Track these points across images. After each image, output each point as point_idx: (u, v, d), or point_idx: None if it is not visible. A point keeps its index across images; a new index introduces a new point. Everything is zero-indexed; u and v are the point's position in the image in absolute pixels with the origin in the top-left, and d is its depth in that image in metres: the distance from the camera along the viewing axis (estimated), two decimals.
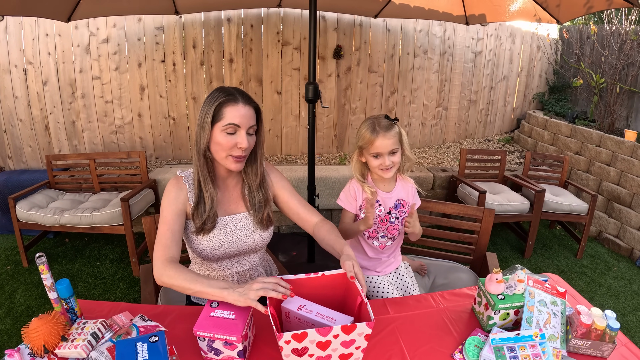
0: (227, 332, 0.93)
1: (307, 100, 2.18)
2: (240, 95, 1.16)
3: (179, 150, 3.70)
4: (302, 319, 0.97)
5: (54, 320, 0.96)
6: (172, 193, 1.21)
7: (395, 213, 1.52)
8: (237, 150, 1.15)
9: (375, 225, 1.53)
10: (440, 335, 1.13)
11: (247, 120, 1.15)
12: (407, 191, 1.54)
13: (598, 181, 3.40)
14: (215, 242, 1.23)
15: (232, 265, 1.33)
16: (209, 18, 3.38)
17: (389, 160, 1.40)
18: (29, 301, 2.36)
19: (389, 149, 1.39)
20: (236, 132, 1.15)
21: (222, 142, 1.14)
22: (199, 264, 1.34)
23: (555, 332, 1.12)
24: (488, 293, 1.16)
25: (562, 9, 2.43)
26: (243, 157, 1.18)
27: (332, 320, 0.95)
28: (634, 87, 3.60)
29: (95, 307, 1.19)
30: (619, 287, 2.70)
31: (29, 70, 3.26)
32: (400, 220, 1.53)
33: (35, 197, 2.77)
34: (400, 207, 1.53)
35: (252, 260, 1.36)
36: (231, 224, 1.26)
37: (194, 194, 1.22)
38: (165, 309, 1.19)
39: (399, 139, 1.41)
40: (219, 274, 1.32)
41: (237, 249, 1.28)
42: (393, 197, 1.52)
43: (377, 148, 1.39)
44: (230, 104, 1.13)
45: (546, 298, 1.19)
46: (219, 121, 1.14)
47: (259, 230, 1.30)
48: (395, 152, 1.41)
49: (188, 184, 1.24)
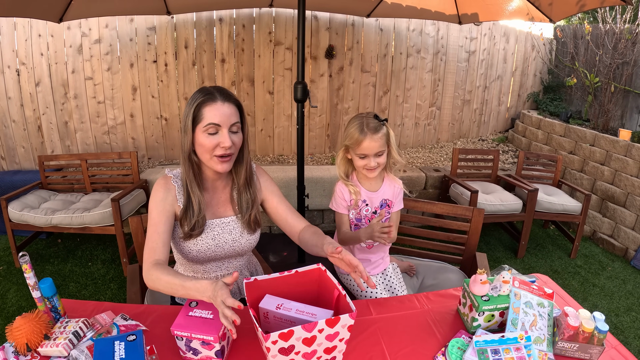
0: (204, 332, 0.92)
1: (295, 100, 2.17)
2: (219, 94, 1.13)
3: (171, 151, 3.68)
4: (282, 317, 0.96)
5: (37, 319, 0.97)
6: (159, 193, 1.18)
7: (381, 213, 1.50)
8: (221, 149, 1.12)
9: (361, 224, 1.51)
10: (423, 337, 1.11)
11: (228, 118, 1.12)
12: (393, 191, 1.53)
13: (592, 181, 3.40)
14: (202, 245, 1.22)
15: (217, 268, 1.31)
16: (201, 18, 3.37)
17: (374, 161, 1.38)
18: (21, 301, 2.35)
19: (375, 151, 1.36)
20: (218, 131, 1.12)
21: (204, 144, 1.12)
22: (183, 264, 1.32)
23: (542, 335, 1.10)
24: (472, 294, 1.15)
25: (554, 8, 2.42)
26: (228, 156, 1.15)
27: (312, 315, 0.95)
28: (629, 87, 3.60)
29: (79, 307, 1.19)
30: (613, 287, 2.69)
31: (22, 71, 3.25)
32: (385, 220, 1.52)
33: (27, 198, 2.77)
34: (386, 206, 1.52)
35: (237, 263, 1.35)
36: (219, 227, 1.24)
37: (182, 195, 1.20)
38: (147, 309, 1.19)
39: (386, 140, 1.38)
40: (203, 275, 1.31)
41: (223, 252, 1.26)
42: (379, 197, 1.50)
43: (363, 149, 1.36)
44: (208, 103, 1.11)
45: (532, 299, 1.17)
46: (200, 122, 1.11)
47: (246, 233, 1.28)
48: (382, 153, 1.38)
49: (177, 184, 1.21)
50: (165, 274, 1.02)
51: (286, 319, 0.96)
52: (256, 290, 1.01)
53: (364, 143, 1.35)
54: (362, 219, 1.52)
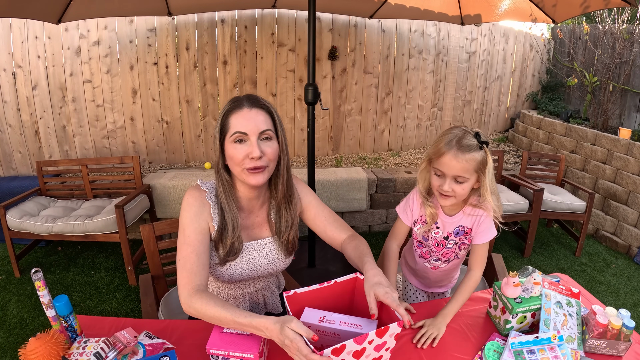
0: (243, 350, 0.89)
1: (306, 102, 2.14)
2: (246, 100, 1.04)
3: (172, 155, 3.63)
4: (326, 330, 0.93)
5: (53, 340, 0.90)
6: (194, 208, 1.07)
7: (454, 239, 1.30)
8: (250, 161, 1.01)
9: (428, 248, 1.35)
10: (458, 342, 1.10)
11: (255, 124, 1.01)
12: (474, 220, 1.25)
13: (594, 179, 3.43)
14: (235, 269, 1.13)
15: (245, 286, 1.24)
16: (203, 19, 3.32)
17: (449, 185, 1.13)
18: (22, 313, 2.28)
19: (455, 173, 1.12)
20: (245, 140, 1.02)
21: (233, 155, 1.02)
22: (210, 282, 1.24)
23: (572, 334, 1.11)
24: (505, 297, 1.14)
25: (558, 9, 2.43)
26: (260, 167, 1.03)
27: (358, 326, 0.92)
28: (627, 86, 3.64)
29: (96, 324, 1.12)
30: (619, 284, 2.71)
31: (18, 74, 3.17)
32: (458, 245, 1.31)
33: (26, 205, 2.69)
34: (464, 234, 1.28)
35: (266, 281, 1.29)
36: (254, 250, 1.15)
37: (217, 214, 1.09)
38: (170, 324, 1.13)
39: (476, 168, 1.12)
40: (229, 292, 1.23)
41: (256, 275, 1.18)
42: (455, 222, 1.27)
43: (441, 164, 1.13)
44: (234, 111, 1.03)
45: (562, 299, 1.18)
46: (227, 132, 1.03)
47: (282, 256, 1.19)
48: (464, 181, 1.13)
49: (212, 201, 1.10)
50: (212, 307, 0.93)
51: (330, 331, 0.92)
52: (295, 303, 0.98)
53: (445, 157, 1.12)
54: (430, 240, 1.32)
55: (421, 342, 1.07)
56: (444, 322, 1.13)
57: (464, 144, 1.10)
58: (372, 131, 4.01)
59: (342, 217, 3.30)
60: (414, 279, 1.52)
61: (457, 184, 1.13)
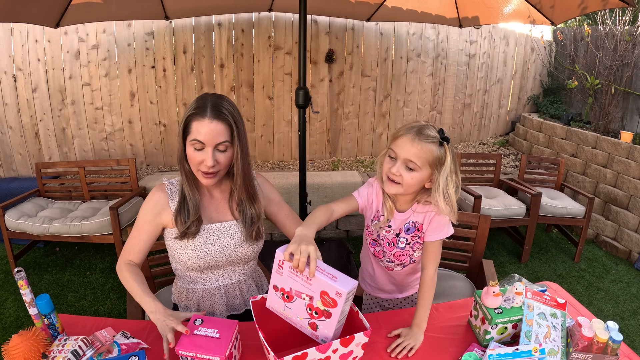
0: (210, 352, 0.89)
1: (297, 105, 2.14)
2: (210, 109, 1.08)
3: (170, 157, 3.65)
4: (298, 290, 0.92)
5: (34, 337, 0.95)
6: (151, 200, 1.20)
7: (405, 238, 1.25)
8: (204, 166, 1.11)
9: (381, 247, 1.31)
10: (435, 351, 1.09)
11: (213, 137, 1.08)
12: (426, 215, 1.21)
13: (594, 183, 3.38)
14: (201, 250, 1.19)
15: (220, 277, 1.27)
16: (200, 23, 3.34)
17: (398, 169, 1.10)
18: (18, 312, 2.31)
19: (406, 156, 1.09)
20: (202, 148, 1.10)
21: (190, 157, 1.12)
22: (183, 275, 1.28)
23: (556, 346, 1.08)
24: (485, 307, 1.12)
25: (556, 10, 2.41)
26: (212, 173, 1.13)
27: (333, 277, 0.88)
28: (629, 88, 3.59)
29: (78, 322, 1.16)
30: (618, 290, 2.67)
31: (19, 77, 3.21)
32: (411, 245, 1.26)
33: (24, 206, 2.73)
34: (415, 230, 1.23)
35: (241, 272, 1.31)
36: (218, 231, 1.22)
37: (176, 200, 1.20)
38: (149, 324, 1.15)
39: (430, 160, 1.09)
40: (204, 286, 1.26)
41: (225, 258, 1.23)
42: (404, 218, 1.24)
43: (396, 145, 1.11)
44: (197, 118, 1.08)
45: (545, 310, 1.15)
46: (188, 134, 1.11)
47: (249, 241, 1.26)
48: (415, 169, 1.09)
49: (170, 191, 1.21)
50: (133, 279, 1.12)
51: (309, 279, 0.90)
52: (265, 309, 0.97)
53: (401, 139, 1.10)
54: (382, 239, 1.29)
55: (396, 351, 1.06)
56: (420, 332, 1.12)
57: (423, 131, 1.09)
58: (370, 134, 4.00)
59: (337, 220, 3.29)
60: (374, 287, 1.45)
61: (407, 171, 1.10)
